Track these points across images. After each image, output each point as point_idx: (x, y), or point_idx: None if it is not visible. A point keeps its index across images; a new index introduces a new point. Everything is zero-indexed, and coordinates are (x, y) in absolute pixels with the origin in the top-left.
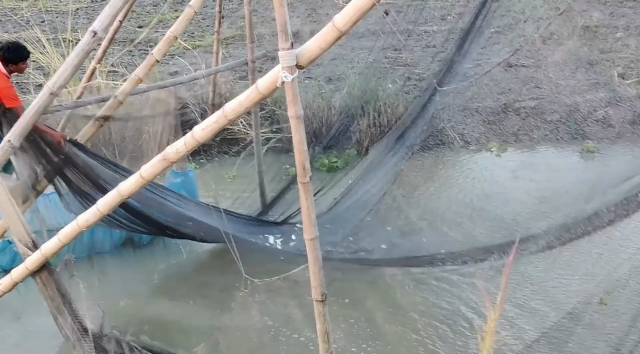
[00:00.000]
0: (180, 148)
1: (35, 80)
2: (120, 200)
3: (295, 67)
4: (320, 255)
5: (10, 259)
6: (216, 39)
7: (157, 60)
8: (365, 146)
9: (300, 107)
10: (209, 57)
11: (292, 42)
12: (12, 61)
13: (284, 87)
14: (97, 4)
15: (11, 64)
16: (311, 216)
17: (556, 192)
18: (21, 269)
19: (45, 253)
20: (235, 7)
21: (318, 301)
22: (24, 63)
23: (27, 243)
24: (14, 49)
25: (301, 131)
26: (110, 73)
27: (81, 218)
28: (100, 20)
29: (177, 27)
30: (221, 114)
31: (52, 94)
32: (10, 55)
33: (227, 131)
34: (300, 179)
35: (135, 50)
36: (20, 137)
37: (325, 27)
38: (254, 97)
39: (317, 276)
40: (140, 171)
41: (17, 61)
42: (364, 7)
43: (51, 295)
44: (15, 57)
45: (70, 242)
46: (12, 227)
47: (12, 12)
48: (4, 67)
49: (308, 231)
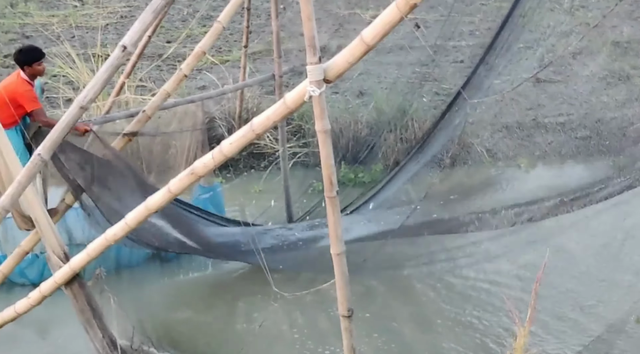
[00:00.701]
0: (208, 162)
1: (65, 95)
2: (148, 214)
3: (322, 82)
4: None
5: (39, 272)
6: (244, 54)
7: (186, 75)
8: (392, 160)
9: (327, 122)
10: (236, 72)
11: (319, 57)
12: (27, 63)
13: (312, 102)
14: (126, 20)
15: (27, 66)
16: (338, 231)
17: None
18: (50, 283)
19: (73, 267)
20: (262, 23)
21: (344, 317)
22: (39, 64)
23: (59, 255)
24: (27, 50)
25: (328, 145)
26: (139, 88)
27: (110, 232)
28: (130, 35)
29: (206, 42)
30: (249, 128)
31: (82, 108)
32: (24, 58)
33: (254, 145)
34: (327, 194)
35: (164, 65)
36: (50, 150)
37: (353, 42)
38: (282, 112)
39: (344, 292)
40: (169, 185)
41: (31, 62)
42: (392, 21)
43: (82, 308)
44: (29, 59)
45: (99, 256)
46: (45, 238)
47: (43, 27)
48: (22, 71)
49: (335, 246)
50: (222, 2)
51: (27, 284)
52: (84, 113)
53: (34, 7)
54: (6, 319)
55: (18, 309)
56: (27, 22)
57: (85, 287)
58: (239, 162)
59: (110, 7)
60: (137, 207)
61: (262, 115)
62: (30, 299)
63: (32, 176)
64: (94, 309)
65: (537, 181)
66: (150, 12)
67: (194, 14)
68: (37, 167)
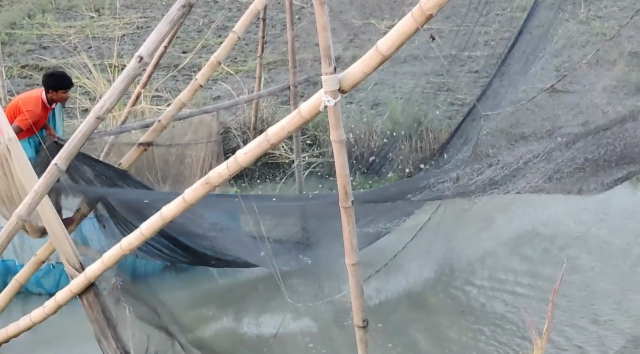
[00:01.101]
0: (223, 172)
1: (81, 105)
2: (163, 223)
3: (338, 92)
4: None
5: (55, 282)
6: (259, 64)
7: (201, 85)
8: (407, 171)
9: (342, 132)
10: (251, 82)
11: (335, 67)
12: (53, 88)
13: (327, 112)
14: (142, 30)
15: (52, 90)
16: (353, 241)
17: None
18: (65, 292)
19: (89, 276)
20: (277, 33)
21: (359, 327)
22: (64, 92)
23: (74, 264)
24: (57, 76)
25: (343, 155)
26: (155, 98)
27: (125, 241)
28: (147, 46)
29: (221, 52)
30: (264, 138)
31: (99, 118)
32: (51, 82)
33: (269, 155)
34: (342, 204)
35: (179, 75)
36: (67, 161)
37: (369, 52)
38: (297, 122)
39: (359, 302)
40: (184, 194)
41: (57, 89)
42: (408, 32)
43: (96, 318)
44: (56, 85)
45: (114, 265)
46: (60, 248)
47: (60, 38)
48: (45, 93)
49: (349, 257)
50: (238, 12)
51: (43, 293)
52: (100, 123)
53: (51, 18)
54: (22, 328)
55: (34, 318)
56: (44, 33)
57: (100, 296)
58: (254, 172)
59: (126, 17)
60: (152, 217)
61: (277, 125)
62: (46, 308)
63: (49, 186)
64: (109, 318)
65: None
66: (166, 23)
67: (209, 24)
68: (54, 177)
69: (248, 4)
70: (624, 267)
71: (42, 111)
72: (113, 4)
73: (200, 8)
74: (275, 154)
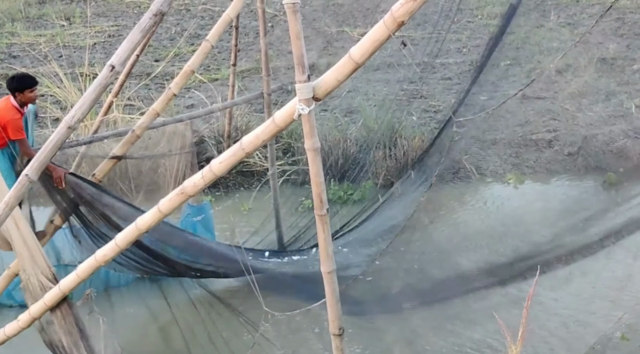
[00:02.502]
0: (198, 182)
1: (52, 115)
2: (138, 234)
3: (312, 100)
4: (338, 288)
5: None
6: (232, 72)
7: (175, 94)
8: (382, 178)
9: (317, 140)
10: (225, 90)
11: (308, 75)
12: (19, 90)
13: (301, 120)
14: (114, 39)
15: (18, 93)
16: (328, 248)
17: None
18: (40, 305)
19: (63, 289)
20: (251, 41)
21: (335, 335)
22: (31, 91)
23: (47, 276)
24: (20, 77)
25: (318, 163)
26: (127, 106)
27: (99, 253)
28: (119, 55)
29: (195, 61)
30: (239, 147)
31: (70, 128)
32: (16, 85)
33: (244, 163)
34: (317, 212)
35: (152, 83)
36: (38, 171)
37: (342, 60)
38: (271, 130)
39: (335, 310)
40: (158, 204)
41: (22, 89)
42: (380, 39)
43: (69, 330)
44: (22, 86)
45: (89, 277)
46: (33, 261)
47: (30, 47)
48: (13, 98)
49: (325, 264)
50: (210, 20)
51: (14, 305)
52: (72, 133)
53: (20, 27)
54: None
55: (8, 332)
56: (14, 41)
57: (73, 308)
58: (229, 181)
59: (97, 26)
60: (127, 228)
61: (251, 134)
62: (20, 322)
63: (20, 197)
64: (82, 330)
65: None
66: (138, 32)
67: (182, 32)
68: (25, 189)
69: (220, 12)
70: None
71: (19, 114)
72: (84, 13)
73: (173, 16)
74: (250, 162)
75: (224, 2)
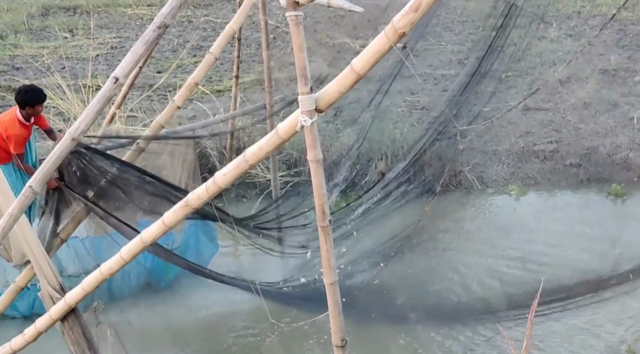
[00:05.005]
0: (202, 194)
1: (56, 126)
2: (143, 247)
3: (314, 111)
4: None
5: (29, 305)
6: (234, 84)
7: (179, 107)
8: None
9: (319, 151)
10: (227, 102)
11: (311, 87)
12: (30, 104)
13: (304, 131)
14: (116, 50)
15: (28, 106)
16: (331, 260)
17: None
18: (46, 319)
19: (69, 302)
20: (253, 52)
21: (338, 347)
22: (40, 105)
23: (54, 286)
24: (31, 91)
25: (320, 174)
26: (130, 118)
27: (105, 266)
28: (122, 67)
29: (198, 73)
30: (242, 159)
31: (74, 139)
32: (27, 98)
33: (246, 174)
34: (319, 223)
35: (154, 95)
36: (42, 183)
37: (344, 71)
38: (274, 142)
39: (337, 321)
40: (163, 217)
41: (34, 104)
42: (382, 50)
43: (77, 340)
44: (32, 100)
45: (94, 290)
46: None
47: (33, 59)
48: (20, 110)
49: (328, 276)
50: (212, 32)
51: (17, 317)
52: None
53: (23, 39)
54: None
55: (14, 346)
56: (17, 53)
57: (80, 319)
58: (231, 192)
59: (100, 38)
60: (132, 241)
61: (254, 146)
62: (26, 336)
63: (24, 208)
64: (89, 340)
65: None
66: (141, 44)
67: (184, 44)
68: (29, 200)
69: (223, 23)
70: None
71: (22, 129)
72: (87, 24)
73: (175, 28)
74: (252, 173)
75: (226, 14)
